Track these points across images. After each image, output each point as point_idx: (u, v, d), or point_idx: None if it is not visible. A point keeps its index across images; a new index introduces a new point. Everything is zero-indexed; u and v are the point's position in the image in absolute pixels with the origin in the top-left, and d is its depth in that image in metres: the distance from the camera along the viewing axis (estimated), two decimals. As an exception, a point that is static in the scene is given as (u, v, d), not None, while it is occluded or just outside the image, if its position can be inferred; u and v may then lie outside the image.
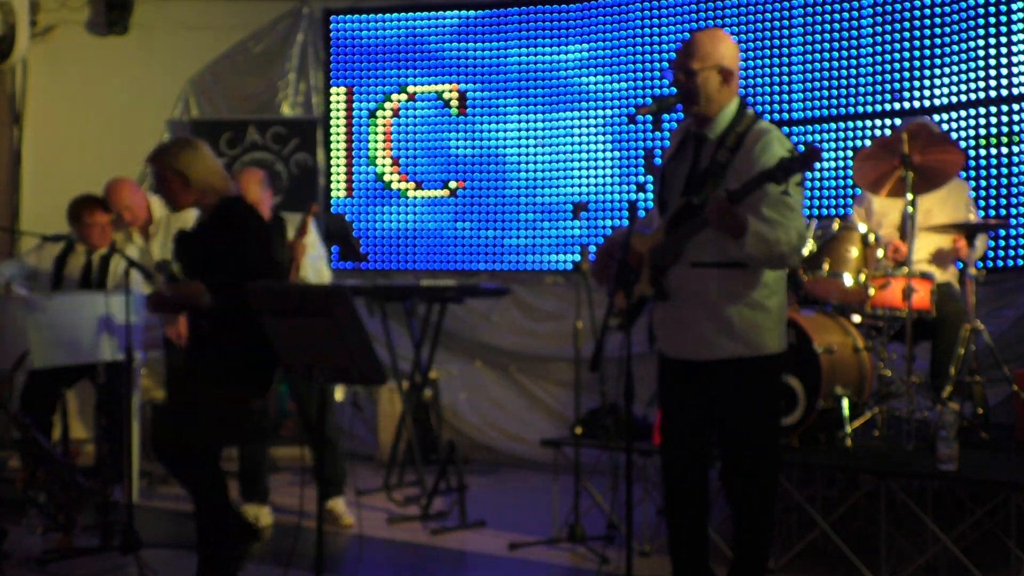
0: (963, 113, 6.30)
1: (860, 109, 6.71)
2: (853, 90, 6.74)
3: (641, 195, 3.75)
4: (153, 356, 6.86)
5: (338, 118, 8.09)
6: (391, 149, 8.02)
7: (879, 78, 6.63)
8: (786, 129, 6.88)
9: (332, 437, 5.76)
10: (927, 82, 6.46)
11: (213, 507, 4.31)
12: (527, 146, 7.78)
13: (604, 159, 7.59)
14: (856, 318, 5.22)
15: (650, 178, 3.92)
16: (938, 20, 6.41)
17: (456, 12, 7.93)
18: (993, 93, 6.17)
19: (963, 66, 6.29)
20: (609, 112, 7.56)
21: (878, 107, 6.65)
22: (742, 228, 3.47)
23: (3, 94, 8.08)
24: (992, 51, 6.16)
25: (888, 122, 6.54)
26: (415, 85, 7.99)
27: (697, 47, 3.71)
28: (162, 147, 4.42)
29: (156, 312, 4.61)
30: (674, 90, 3.76)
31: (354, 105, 8.08)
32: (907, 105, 6.51)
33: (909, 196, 4.99)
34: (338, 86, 8.11)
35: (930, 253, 5.40)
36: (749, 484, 3.74)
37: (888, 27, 6.60)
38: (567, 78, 7.69)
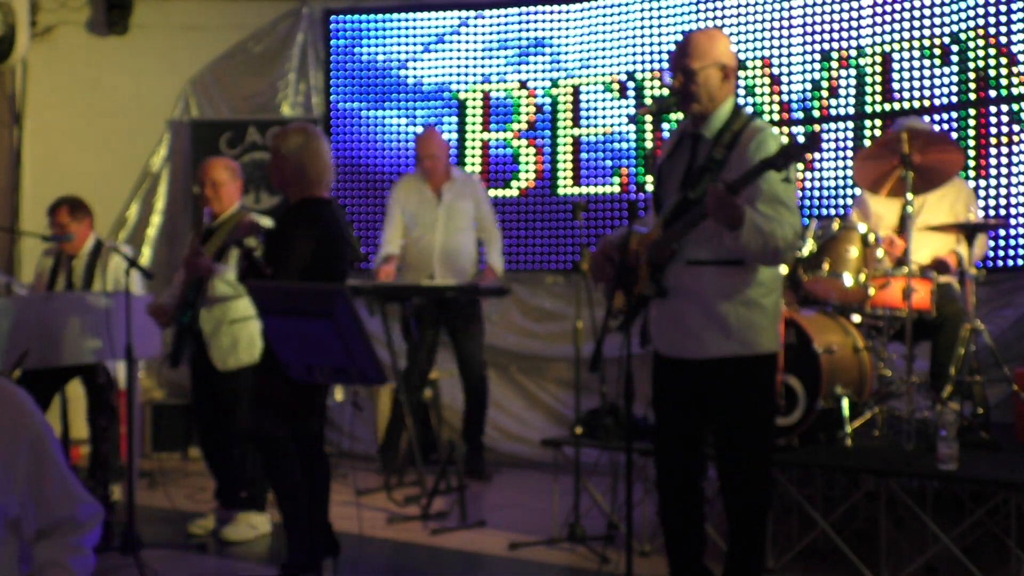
0: (963, 113, 6.30)
1: (860, 109, 6.71)
2: (853, 90, 6.74)
3: (641, 195, 3.76)
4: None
5: (340, 117, 8.09)
6: (392, 149, 8.02)
7: (880, 78, 6.63)
8: (786, 129, 6.88)
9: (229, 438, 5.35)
10: (927, 82, 6.46)
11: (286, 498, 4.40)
12: (526, 146, 7.78)
13: (604, 159, 7.58)
14: (856, 318, 5.22)
15: (650, 178, 3.92)
16: (938, 20, 6.41)
17: (456, 12, 7.93)
18: (993, 93, 6.17)
19: (963, 66, 6.29)
20: (609, 112, 7.56)
21: (878, 107, 6.65)
22: (740, 219, 3.45)
23: (3, 94, 8.08)
24: (992, 51, 6.16)
25: (888, 122, 6.54)
26: (414, 85, 7.98)
27: (695, 47, 3.72)
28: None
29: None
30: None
31: (354, 105, 8.08)
32: (907, 105, 6.51)
33: (909, 196, 4.98)
34: (338, 86, 8.11)
35: (931, 257, 5.39)
36: (743, 482, 3.75)
37: (888, 27, 6.60)
38: (567, 78, 7.68)
